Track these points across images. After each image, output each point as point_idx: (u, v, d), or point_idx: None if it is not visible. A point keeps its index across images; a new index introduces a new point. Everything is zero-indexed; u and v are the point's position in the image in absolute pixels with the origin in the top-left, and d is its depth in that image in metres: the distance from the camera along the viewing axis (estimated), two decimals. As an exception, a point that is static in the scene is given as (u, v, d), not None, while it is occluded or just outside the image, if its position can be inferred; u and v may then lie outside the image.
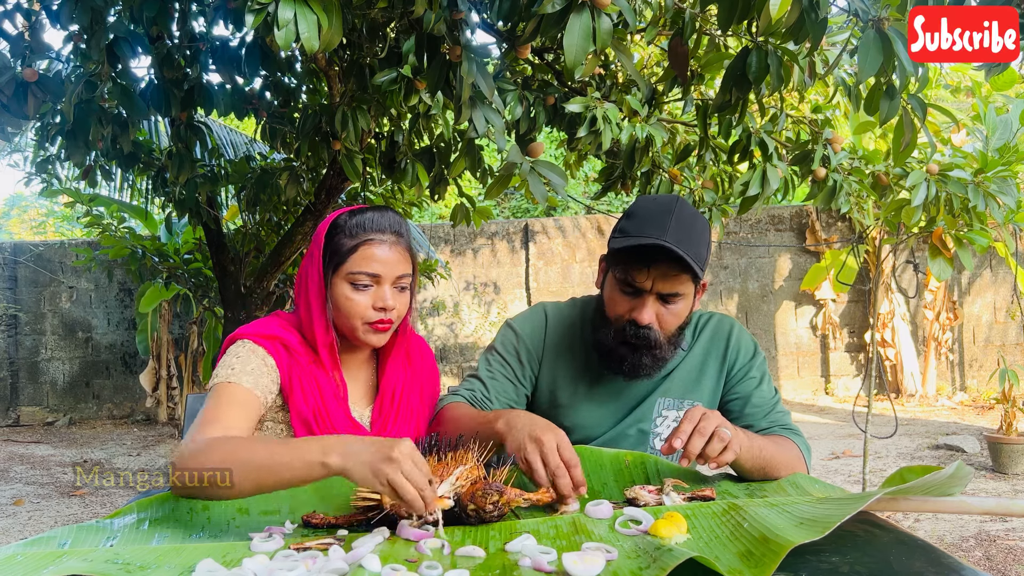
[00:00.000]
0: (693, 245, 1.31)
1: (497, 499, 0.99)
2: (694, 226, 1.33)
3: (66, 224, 12.83)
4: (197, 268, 5.34)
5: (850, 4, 1.72)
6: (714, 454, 1.11)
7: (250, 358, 1.29)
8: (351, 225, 1.31)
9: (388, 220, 1.33)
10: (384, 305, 1.30)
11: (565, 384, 1.50)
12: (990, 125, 3.32)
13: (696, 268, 1.29)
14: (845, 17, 2.16)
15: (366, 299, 1.30)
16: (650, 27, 2.34)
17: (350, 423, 1.33)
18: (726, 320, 1.54)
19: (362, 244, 1.29)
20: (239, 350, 1.30)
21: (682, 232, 1.30)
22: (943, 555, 0.85)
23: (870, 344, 7.24)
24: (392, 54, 2.42)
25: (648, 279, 1.33)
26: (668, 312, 1.36)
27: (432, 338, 7.89)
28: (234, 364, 1.27)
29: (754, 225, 7.88)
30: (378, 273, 1.30)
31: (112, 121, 2.67)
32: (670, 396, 1.47)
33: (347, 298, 1.30)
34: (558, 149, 8.82)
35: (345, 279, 1.30)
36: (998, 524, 3.64)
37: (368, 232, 1.30)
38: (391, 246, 1.32)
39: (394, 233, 1.33)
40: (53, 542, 0.96)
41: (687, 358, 1.50)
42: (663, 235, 1.29)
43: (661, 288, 1.33)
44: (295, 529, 1.03)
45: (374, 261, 1.29)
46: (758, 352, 1.52)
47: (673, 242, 1.28)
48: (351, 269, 1.29)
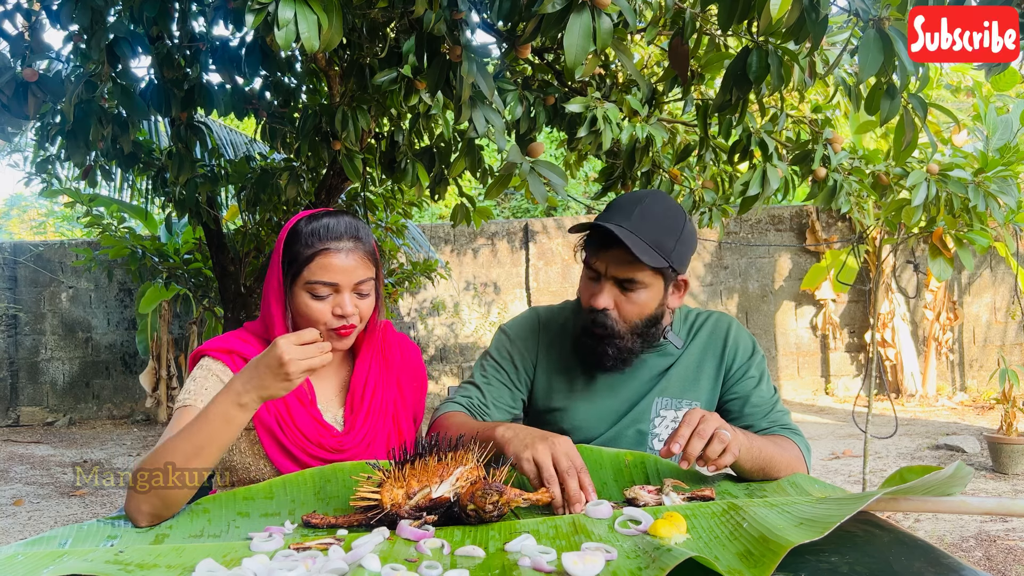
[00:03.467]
0: (654, 234, 1.32)
1: (497, 499, 0.99)
2: (663, 218, 1.35)
3: (66, 224, 12.84)
4: (197, 268, 5.34)
5: (850, 4, 1.72)
6: (714, 456, 1.11)
7: (207, 377, 1.31)
8: (306, 233, 1.29)
9: (344, 226, 1.31)
10: (343, 312, 1.29)
11: (560, 386, 1.50)
12: (990, 125, 3.32)
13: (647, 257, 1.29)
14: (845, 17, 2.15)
15: (326, 307, 1.29)
16: (650, 27, 2.34)
17: (319, 426, 1.33)
18: (724, 318, 1.53)
19: (318, 253, 1.28)
20: (196, 372, 1.33)
21: (645, 221, 1.33)
22: (943, 555, 0.85)
23: (870, 344, 7.24)
24: (392, 54, 2.42)
25: (603, 263, 1.36)
26: (627, 300, 1.36)
27: (432, 338, 7.89)
28: (191, 387, 1.31)
29: (754, 225, 7.88)
30: (336, 282, 1.28)
31: (112, 121, 2.67)
32: (667, 396, 1.47)
33: (307, 306, 1.30)
34: (558, 149, 8.82)
35: (304, 288, 1.29)
36: (998, 524, 3.64)
37: (324, 240, 1.28)
38: (348, 253, 1.29)
39: (352, 239, 1.30)
40: (53, 542, 0.96)
41: (684, 357, 1.49)
42: (623, 222, 1.32)
43: (616, 273, 1.35)
44: (295, 529, 1.03)
45: (330, 270, 1.28)
46: (756, 351, 1.51)
47: (631, 228, 1.31)
48: (309, 279, 1.28)
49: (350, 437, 1.34)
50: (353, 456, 1.33)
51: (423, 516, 1.01)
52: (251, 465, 1.33)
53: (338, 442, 1.33)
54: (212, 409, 1.11)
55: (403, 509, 1.01)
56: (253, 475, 1.33)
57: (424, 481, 1.04)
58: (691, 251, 1.42)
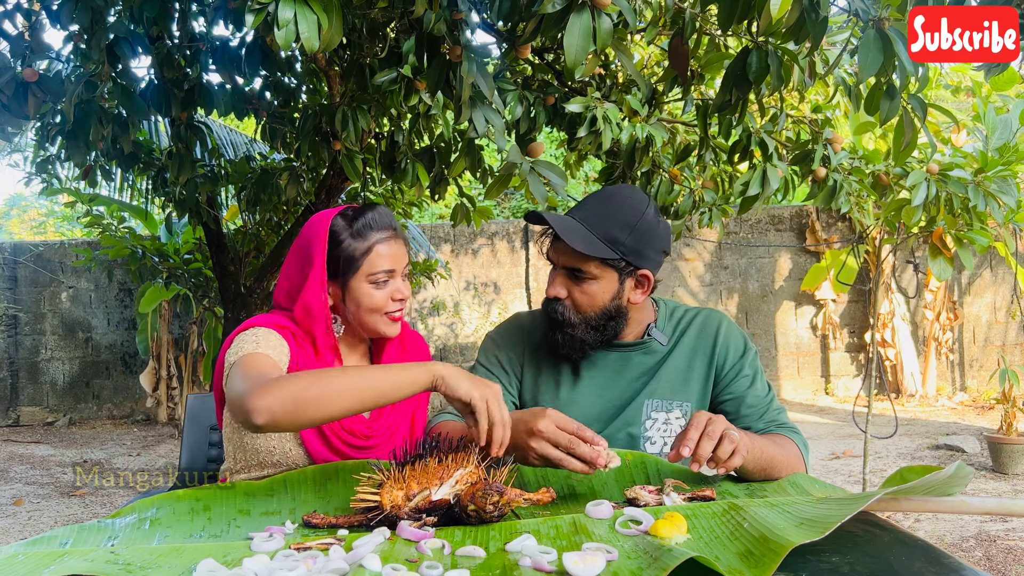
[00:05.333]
0: (604, 226, 1.35)
1: (497, 499, 0.99)
2: (617, 211, 1.36)
3: (66, 224, 12.83)
4: (197, 268, 5.34)
5: (850, 4, 1.72)
6: (725, 456, 1.10)
7: (268, 337, 1.33)
8: (356, 229, 1.37)
9: (387, 216, 1.40)
10: (402, 295, 1.39)
11: (548, 388, 1.49)
12: (990, 125, 3.32)
13: (581, 245, 1.32)
14: (845, 17, 2.16)
15: (385, 293, 1.38)
16: (650, 27, 2.34)
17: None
18: (714, 316, 1.50)
19: (374, 245, 1.36)
20: (255, 332, 1.33)
21: (596, 214, 1.36)
22: (943, 555, 0.85)
23: (870, 344, 7.24)
24: (392, 54, 2.42)
25: (555, 253, 1.41)
26: (579, 291, 1.38)
27: (432, 338, 7.89)
28: (256, 340, 1.30)
29: (754, 225, 7.88)
30: (393, 268, 1.38)
31: (112, 121, 2.67)
32: (657, 397, 1.45)
33: (370, 296, 1.37)
34: (558, 149, 8.82)
35: (366, 280, 1.36)
36: (998, 524, 3.64)
37: (376, 231, 1.37)
38: (395, 239, 1.39)
39: (392, 228, 1.40)
40: (54, 542, 0.96)
41: (672, 357, 1.46)
42: (576, 214, 1.38)
43: (564, 262, 1.38)
44: (295, 529, 1.03)
45: (387, 258, 1.37)
46: (748, 348, 1.48)
47: (580, 219, 1.36)
48: (370, 270, 1.36)
49: (378, 425, 1.40)
50: (377, 444, 1.39)
51: (423, 518, 1.01)
52: (276, 448, 1.34)
53: (368, 428, 1.39)
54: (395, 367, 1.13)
55: (402, 511, 1.01)
56: (276, 458, 1.35)
57: (424, 483, 1.04)
58: (653, 246, 1.39)
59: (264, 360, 1.24)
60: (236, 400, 1.11)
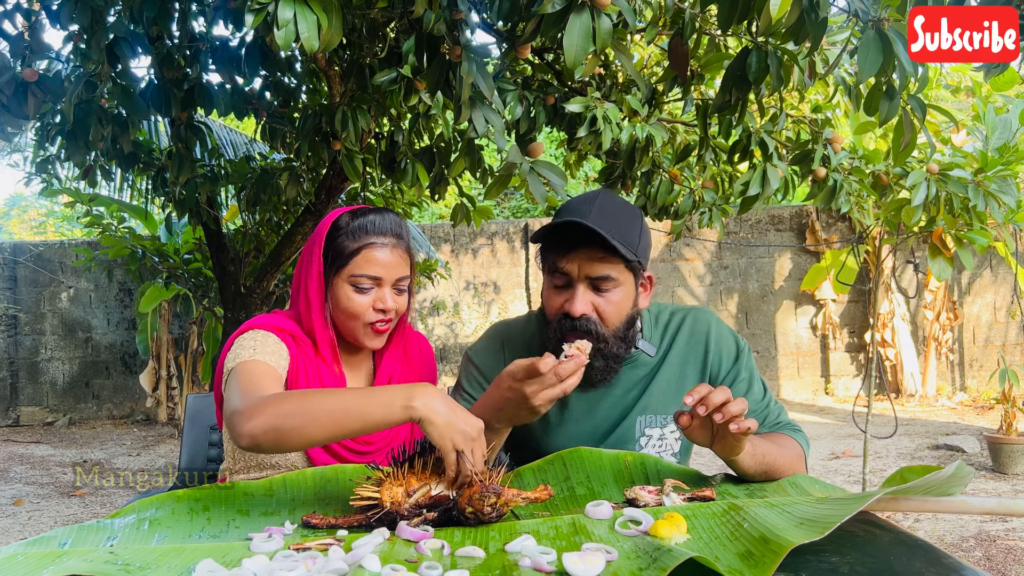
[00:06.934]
0: (617, 227, 1.24)
1: (495, 501, 0.99)
2: (621, 213, 1.28)
3: (66, 224, 12.83)
4: (197, 268, 5.34)
5: (850, 4, 1.72)
6: (736, 410, 1.05)
7: (266, 341, 1.31)
8: (353, 227, 1.33)
9: (389, 223, 1.34)
10: (384, 307, 1.32)
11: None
12: (990, 125, 3.32)
13: (621, 247, 1.22)
14: (845, 17, 2.15)
15: (367, 300, 1.32)
16: (650, 27, 2.34)
17: None
18: (702, 317, 1.43)
19: (364, 247, 1.31)
20: (253, 336, 1.32)
21: (604, 216, 1.25)
22: (943, 555, 0.85)
23: (870, 344, 7.24)
24: (392, 54, 2.42)
25: (573, 263, 1.25)
26: (605, 301, 1.26)
27: (432, 338, 7.89)
28: (254, 346, 1.29)
29: (754, 225, 7.88)
30: (379, 276, 1.32)
31: (112, 121, 2.67)
32: (650, 413, 1.37)
33: (348, 299, 1.32)
34: (558, 149, 8.82)
35: (347, 281, 1.32)
36: (998, 524, 3.64)
37: (370, 235, 1.32)
38: (391, 249, 1.33)
39: (394, 235, 1.34)
40: (53, 542, 0.96)
41: (663, 368, 1.38)
42: (583, 219, 1.23)
43: (589, 272, 1.25)
44: (295, 529, 1.03)
45: (375, 264, 1.31)
46: (741, 349, 1.41)
47: (594, 223, 1.22)
48: (353, 272, 1.31)
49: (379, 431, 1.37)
50: (378, 450, 1.37)
51: (423, 514, 1.01)
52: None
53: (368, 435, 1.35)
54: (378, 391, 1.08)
55: (403, 507, 1.01)
56: (276, 460, 1.35)
57: (424, 479, 1.04)
58: (651, 246, 1.35)
59: (261, 369, 1.24)
60: (227, 417, 1.12)
